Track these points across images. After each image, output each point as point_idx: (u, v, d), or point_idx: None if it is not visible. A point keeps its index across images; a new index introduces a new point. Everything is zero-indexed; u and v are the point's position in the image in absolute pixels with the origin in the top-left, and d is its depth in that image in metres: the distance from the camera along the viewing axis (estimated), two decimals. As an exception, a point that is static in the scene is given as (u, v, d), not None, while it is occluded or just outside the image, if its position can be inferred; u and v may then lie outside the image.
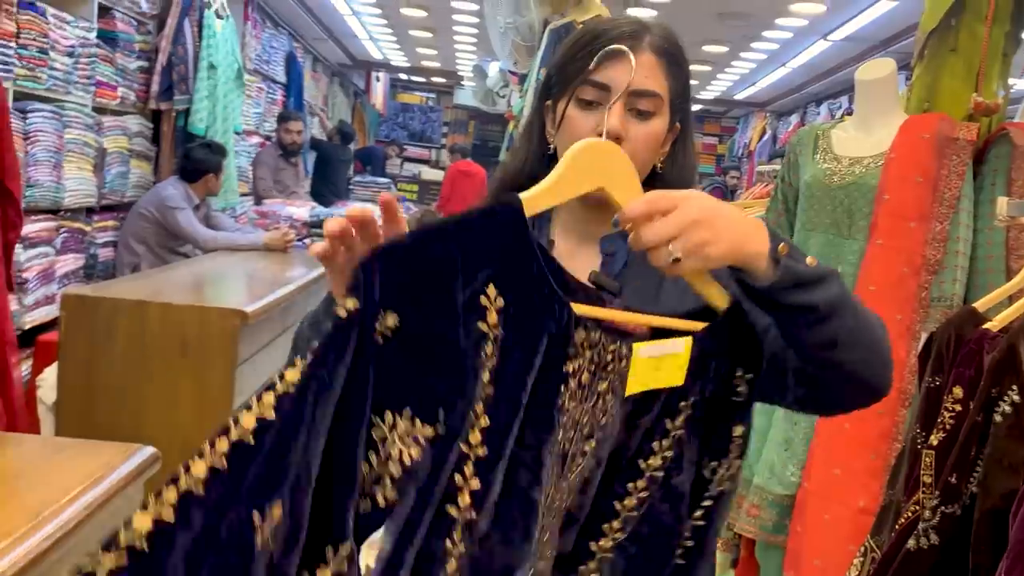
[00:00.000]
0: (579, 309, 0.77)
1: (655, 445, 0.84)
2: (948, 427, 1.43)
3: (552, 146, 1.07)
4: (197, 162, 4.23)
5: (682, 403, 0.85)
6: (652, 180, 1.06)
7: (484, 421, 0.71)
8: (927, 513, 1.34)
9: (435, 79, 13.21)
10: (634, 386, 0.81)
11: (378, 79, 12.63)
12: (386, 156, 11.55)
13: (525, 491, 0.74)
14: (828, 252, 2.32)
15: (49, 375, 2.98)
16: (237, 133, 5.79)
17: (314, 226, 4.99)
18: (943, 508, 1.32)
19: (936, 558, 1.34)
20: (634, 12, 6.34)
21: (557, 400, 0.76)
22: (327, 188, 7.20)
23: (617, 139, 0.97)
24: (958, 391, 1.43)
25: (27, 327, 3.41)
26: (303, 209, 5.17)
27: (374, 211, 0.77)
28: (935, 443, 1.43)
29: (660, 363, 0.82)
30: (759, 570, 2.35)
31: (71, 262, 3.86)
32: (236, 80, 5.45)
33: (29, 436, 2.84)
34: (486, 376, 0.71)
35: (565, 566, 0.84)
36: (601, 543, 0.85)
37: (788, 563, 2.20)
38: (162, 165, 4.76)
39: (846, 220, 2.29)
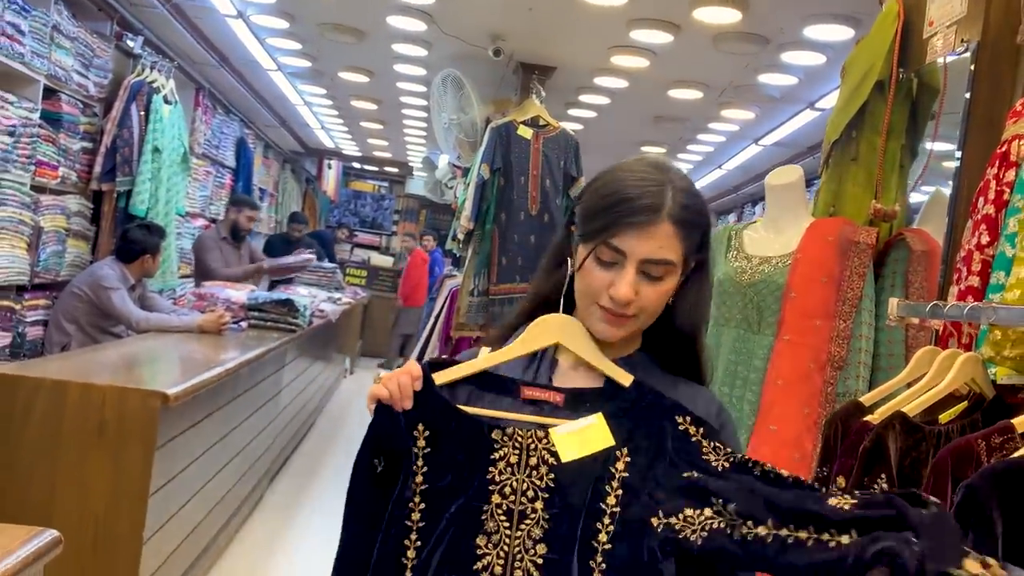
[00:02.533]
0: (478, 412, 1.10)
1: (607, 487, 1.04)
2: (833, 517, 1.48)
3: (572, 273, 1.18)
4: (134, 243, 4.24)
5: (618, 453, 1.06)
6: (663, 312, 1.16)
7: (419, 503, 1.07)
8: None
9: (387, 168, 13.42)
10: (568, 454, 1.06)
11: (330, 166, 12.80)
12: (335, 240, 11.61)
13: (464, 539, 1.05)
14: (740, 347, 2.41)
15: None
16: (180, 215, 5.81)
17: (252, 309, 4.99)
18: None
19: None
20: (573, 112, 6.59)
21: (485, 475, 1.06)
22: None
23: (626, 304, 1.10)
24: (841, 481, 1.50)
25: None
26: (242, 292, 5.17)
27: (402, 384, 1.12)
28: (821, 532, 1.48)
29: (583, 434, 1.07)
30: None
31: (-3, 340, 3.81)
32: (181, 163, 5.51)
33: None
34: (419, 478, 1.07)
35: None
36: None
37: None
38: (100, 245, 4.75)
39: (756, 316, 2.39)
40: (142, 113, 4.90)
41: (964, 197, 1.99)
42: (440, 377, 1.12)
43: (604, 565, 1.02)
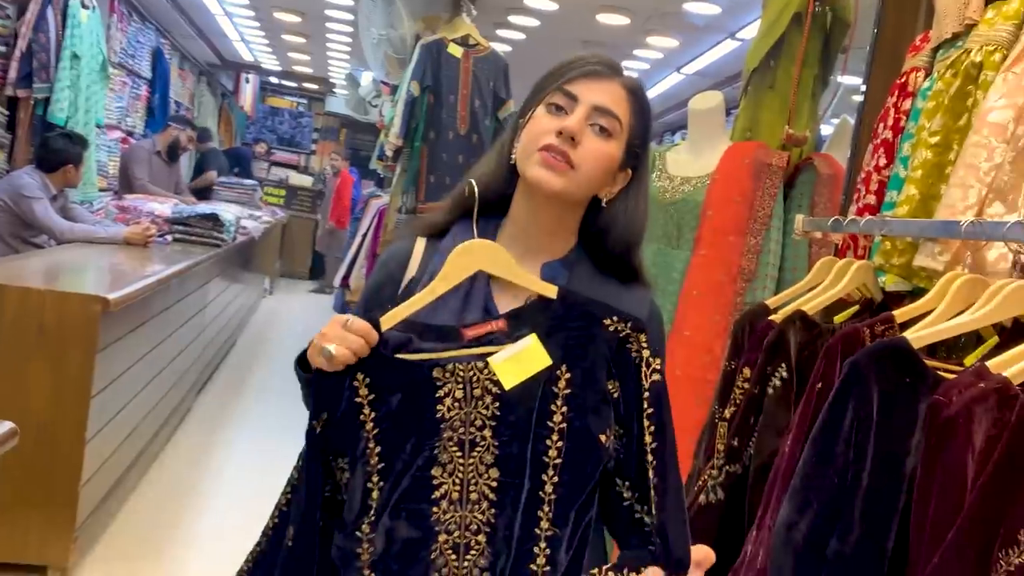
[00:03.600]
0: (422, 357, 1.10)
1: (552, 407, 1.08)
2: (738, 402, 1.69)
3: (513, 159, 1.17)
4: (56, 152, 4.16)
5: (557, 372, 1.09)
6: (598, 212, 1.18)
7: (374, 447, 1.09)
8: (715, 472, 1.58)
9: (307, 85, 13.13)
10: (509, 380, 1.09)
11: (247, 81, 12.45)
12: (254, 156, 11.39)
13: (422, 472, 1.08)
14: (660, 260, 2.59)
15: None
16: (99, 126, 5.67)
17: (176, 223, 4.97)
18: (727, 467, 1.57)
19: (722, 511, 1.59)
20: (502, 34, 6.62)
21: (434, 414, 1.08)
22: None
23: (572, 139, 1.11)
24: (747, 372, 1.70)
25: None
26: (165, 205, 5.13)
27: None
28: (727, 416, 1.69)
29: (521, 358, 1.10)
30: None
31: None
32: (100, 72, 5.35)
33: None
34: (369, 425, 1.09)
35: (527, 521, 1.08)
36: (542, 493, 1.08)
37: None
38: (17, 154, 4.62)
39: (675, 233, 2.57)
40: (58, 17, 4.73)
41: (867, 124, 2.18)
42: (384, 323, 1.11)
43: (556, 479, 1.07)
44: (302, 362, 1.14)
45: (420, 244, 1.25)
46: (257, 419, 4.85)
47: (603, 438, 1.09)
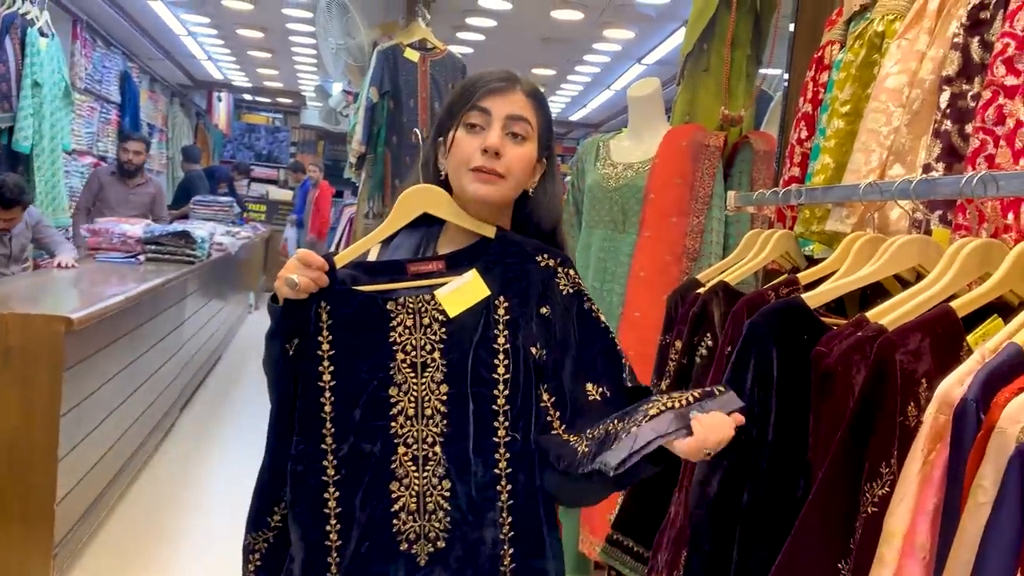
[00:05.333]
0: (372, 288, 1.24)
1: (495, 331, 1.24)
2: (672, 374, 1.75)
3: (444, 173, 1.31)
4: None
5: (496, 301, 1.26)
6: (525, 201, 1.33)
7: (328, 366, 1.23)
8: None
9: (280, 99, 13.17)
10: (453, 309, 1.25)
11: (220, 99, 12.49)
12: (232, 179, 11.42)
13: (379, 392, 1.22)
14: (607, 245, 2.66)
15: None
16: (67, 152, 5.71)
17: (148, 242, 5.01)
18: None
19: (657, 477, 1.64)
20: (462, 36, 6.68)
21: (388, 339, 1.23)
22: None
23: (496, 153, 1.25)
24: (678, 344, 1.76)
25: None
26: (137, 227, 5.17)
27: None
28: (663, 387, 1.74)
29: (463, 290, 1.26)
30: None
31: None
32: (64, 98, 5.39)
33: None
34: (325, 346, 1.22)
35: (483, 429, 1.22)
36: (495, 406, 1.23)
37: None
38: (-16, 183, 4.66)
39: (621, 217, 2.63)
40: (17, 47, 4.78)
41: (792, 100, 2.25)
42: (338, 261, 1.27)
43: (507, 393, 1.22)
44: (275, 300, 1.27)
45: (375, 249, 1.37)
46: (243, 434, 4.87)
47: (534, 351, 1.24)
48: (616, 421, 1.17)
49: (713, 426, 1.08)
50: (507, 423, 1.22)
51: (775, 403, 1.28)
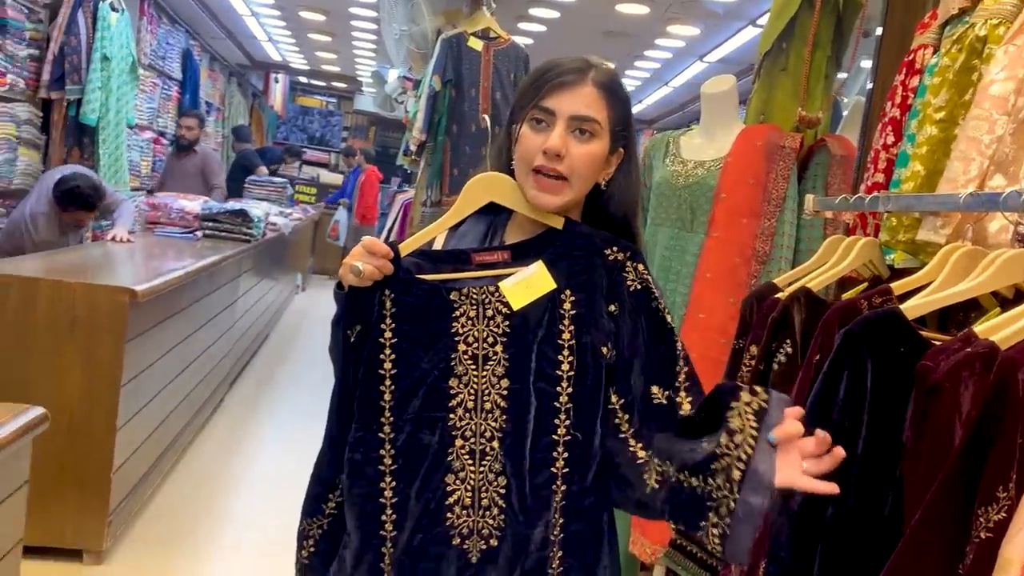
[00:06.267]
0: (436, 278, 1.23)
1: (560, 327, 1.21)
2: (745, 379, 1.71)
3: (512, 165, 1.28)
4: (72, 197, 3.98)
5: (562, 295, 1.22)
6: (596, 194, 1.28)
7: (389, 354, 1.21)
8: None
9: (335, 83, 13.25)
10: (517, 302, 1.22)
11: (277, 80, 12.60)
12: (284, 161, 11.52)
13: (439, 382, 1.20)
14: (674, 244, 2.61)
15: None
16: (130, 126, 5.80)
17: (206, 219, 5.08)
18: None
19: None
20: (524, 27, 6.65)
21: (449, 330, 1.21)
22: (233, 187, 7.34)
23: (557, 155, 1.21)
24: (754, 349, 1.72)
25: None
26: (195, 202, 5.24)
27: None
28: (735, 392, 1.70)
29: (528, 282, 1.23)
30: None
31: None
32: (130, 73, 5.47)
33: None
34: (388, 333, 1.21)
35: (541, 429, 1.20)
36: (557, 403, 1.20)
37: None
38: (52, 154, 4.75)
39: (689, 216, 2.58)
40: (89, 20, 4.85)
41: (877, 104, 2.18)
42: (403, 249, 1.25)
43: (571, 390, 1.19)
44: (340, 287, 1.26)
45: (441, 236, 1.35)
46: (288, 411, 4.92)
47: (604, 350, 1.21)
48: (688, 474, 1.14)
49: (796, 463, 1.09)
50: (568, 422, 1.19)
51: (867, 416, 1.23)
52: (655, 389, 1.22)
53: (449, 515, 1.19)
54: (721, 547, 1.11)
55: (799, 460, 1.09)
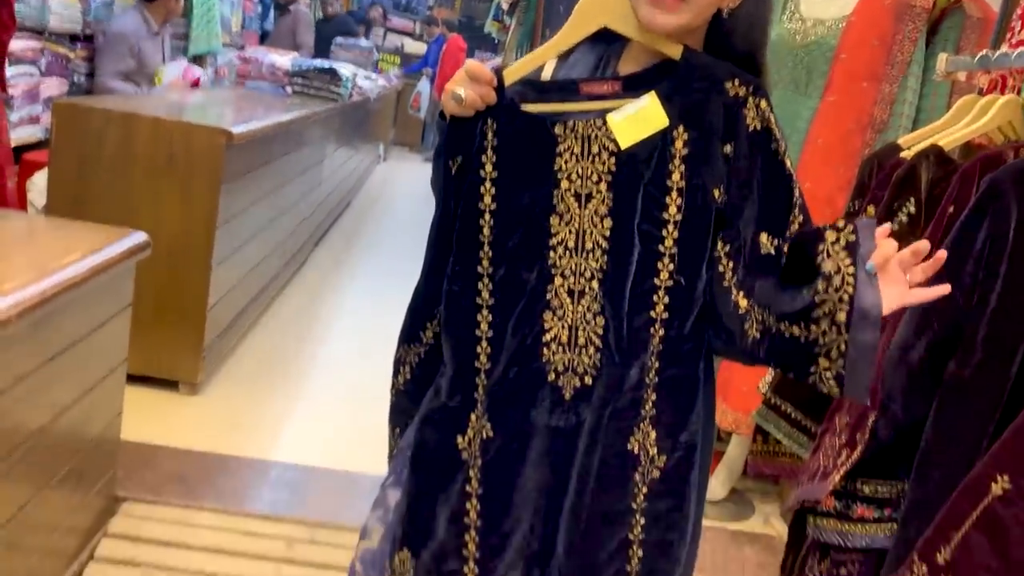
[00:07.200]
0: (541, 109, 1.16)
1: (670, 167, 1.14)
2: (861, 239, 1.62)
3: None
4: None
5: (674, 132, 1.13)
6: (718, 23, 1.16)
7: (489, 188, 1.17)
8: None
9: (424, -52, 12.87)
10: (625, 139, 1.13)
11: (366, -57, 12.28)
12: (369, 25, 11.34)
13: (539, 220, 1.15)
14: (785, 108, 2.47)
15: (39, 180, 3.11)
16: (222, -21, 5.74)
17: (295, 75, 5.06)
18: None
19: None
20: None
21: (552, 166, 1.15)
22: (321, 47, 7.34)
23: None
24: (871, 210, 1.63)
25: (12, 145, 3.48)
26: (286, 58, 5.21)
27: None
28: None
29: (638, 117, 1.13)
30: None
31: (55, 85, 3.91)
32: (223, -78, 5.38)
33: (32, 215, 2.99)
34: (488, 167, 1.17)
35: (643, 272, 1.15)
36: (662, 247, 1.15)
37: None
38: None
39: (804, 78, 2.44)
40: None
41: (1028, -43, 1.98)
42: (508, 76, 1.18)
43: (676, 235, 1.13)
44: (443, 117, 1.21)
45: (550, 65, 1.26)
46: (370, 270, 5.03)
47: (716, 194, 1.13)
48: (788, 323, 1.09)
49: (899, 279, 1.05)
50: (672, 266, 1.14)
51: (1005, 267, 1.15)
52: (764, 238, 1.15)
53: (545, 351, 1.17)
54: (839, 388, 1.07)
55: (902, 276, 1.06)
